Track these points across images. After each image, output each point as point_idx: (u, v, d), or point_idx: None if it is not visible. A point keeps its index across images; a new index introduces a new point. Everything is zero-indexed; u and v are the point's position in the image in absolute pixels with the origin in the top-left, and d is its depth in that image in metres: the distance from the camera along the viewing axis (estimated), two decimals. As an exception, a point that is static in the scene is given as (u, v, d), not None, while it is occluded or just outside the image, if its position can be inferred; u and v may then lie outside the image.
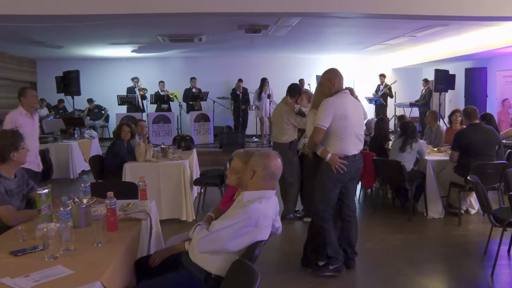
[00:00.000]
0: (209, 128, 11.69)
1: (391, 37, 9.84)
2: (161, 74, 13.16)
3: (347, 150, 3.71)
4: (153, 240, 3.01)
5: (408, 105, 12.30)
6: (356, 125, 3.72)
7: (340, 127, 3.63)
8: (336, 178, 3.74)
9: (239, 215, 2.27)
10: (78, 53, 12.10)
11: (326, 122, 3.61)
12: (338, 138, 3.67)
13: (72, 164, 8.36)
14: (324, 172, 3.78)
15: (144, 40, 10.01)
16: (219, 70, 13.67)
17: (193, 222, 5.44)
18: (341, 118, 3.61)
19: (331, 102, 3.63)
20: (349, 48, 11.79)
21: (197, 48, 11.57)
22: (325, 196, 3.81)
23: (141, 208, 3.00)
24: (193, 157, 6.66)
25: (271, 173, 2.42)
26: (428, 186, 5.61)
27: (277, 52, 12.95)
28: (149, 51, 12.14)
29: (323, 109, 3.65)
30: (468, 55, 10.64)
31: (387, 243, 4.75)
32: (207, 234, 2.31)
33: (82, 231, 2.61)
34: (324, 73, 3.83)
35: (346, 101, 3.68)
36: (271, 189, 2.44)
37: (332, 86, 3.73)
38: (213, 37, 9.69)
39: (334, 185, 3.78)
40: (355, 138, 3.73)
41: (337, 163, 3.67)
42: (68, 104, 11.65)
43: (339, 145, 3.68)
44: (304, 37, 9.89)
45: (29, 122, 4.95)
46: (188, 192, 5.56)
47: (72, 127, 9.48)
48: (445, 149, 6.11)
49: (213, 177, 5.90)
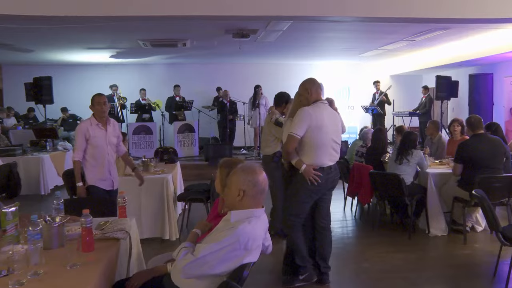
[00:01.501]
0: (194, 139, 11.70)
1: (388, 42, 9.98)
2: (142, 82, 13.19)
3: (322, 162, 3.90)
4: (132, 261, 3.00)
5: (407, 114, 12.41)
6: (332, 136, 3.90)
7: (315, 137, 3.82)
8: (310, 189, 3.92)
9: (227, 238, 2.27)
10: (50, 58, 12.07)
11: (300, 131, 3.80)
12: (312, 149, 3.86)
13: (44, 179, 8.28)
14: (298, 183, 3.95)
15: (124, 44, 10.04)
16: (204, 78, 13.75)
17: (177, 241, 5.43)
18: (316, 128, 3.80)
19: (306, 112, 3.82)
20: (343, 53, 11.94)
21: (181, 54, 11.63)
22: (297, 207, 4.00)
23: (120, 227, 2.99)
24: (177, 171, 6.65)
25: (261, 189, 2.44)
26: (429, 201, 5.66)
27: (267, 59, 13.07)
28: (129, 57, 12.17)
29: (297, 118, 3.84)
30: (472, 60, 10.74)
31: (385, 263, 4.77)
32: (193, 260, 2.30)
33: (53, 253, 2.58)
34: (302, 83, 4.03)
35: (322, 112, 3.87)
36: (260, 206, 2.45)
37: (310, 96, 3.94)
38: (198, 42, 9.75)
39: (307, 196, 3.97)
40: (331, 150, 3.93)
41: (311, 175, 3.85)
42: (39, 114, 11.56)
43: (314, 156, 3.87)
44: (295, 43, 9.99)
45: (101, 133, 4.63)
46: (172, 209, 5.55)
47: (43, 139, 9.41)
48: (447, 161, 6.18)
49: (198, 192, 5.88)
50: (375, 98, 12.44)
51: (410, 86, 14.61)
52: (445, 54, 11.22)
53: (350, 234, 5.99)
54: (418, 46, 10.55)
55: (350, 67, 14.30)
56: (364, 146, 6.96)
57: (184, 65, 13.88)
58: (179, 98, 12.21)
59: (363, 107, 12.53)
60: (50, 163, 8.61)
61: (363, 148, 6.92)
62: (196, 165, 10.37)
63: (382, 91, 12.32)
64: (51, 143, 9.37)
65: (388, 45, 10.36)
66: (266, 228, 2.53)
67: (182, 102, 12.03)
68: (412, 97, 13.98)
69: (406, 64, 13.37)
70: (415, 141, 5.78)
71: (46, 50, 10.73)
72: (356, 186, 6.41)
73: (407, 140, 5.72)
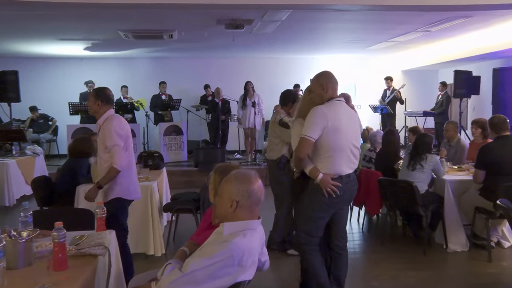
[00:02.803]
0: (182, 142, 11.72)
1: (400, 33, 10.02)
2: (123, 78, 13.17)
3: (340, 169, 3.75)
4: (112, 280, 2.99)
5: (421, 114, 12.42)
6: (350, 139, 3.77)
7: (331, 141, 3.67)
8: (327, 203, 3.77)
9: (219, 252, 2.28)
10: (15, 50, 12.00)
11: (314, 133, 3.64)
12: (329, 154, 3.70)
13: (9, 188, 8.24)
14: (313, 195, 3.80)
15: (103, 36, 10.04)
16: (193, 74, 13.77)
17: (163, 256, 5.44)
18: (333, 130, 3.65)
19: (321, 111, 3.68)
20: (349, 47, 11.99)
21: (167, 46, 11.65)
22: (311, 223, 3.85)
23: (97, 241, 2.99)
24: (163, 178, 6.66)
25: (257, 199, 2.45)
26: (447, 212, 5.67)
27: (263, 53, 13.11)
28: (109, 50, 12.17)
29: (311, 119, 3.69)
30: (497, 53, 10.68)
31: (397, 282, 4.79)
32: (180, 275, 2.30)
33: (19, 274, 2.55)
34: (316, 77, 3.89)
35: (338, 111, 3.73)
36: (256, 218, 2.47)
37: (325, 93, 3.79)
38: (187, 34, 9.77)
39: (324, 211, 3.82)
40: (350, 155, 3.78)
41: (329, 185, 3.70)
42: (4, 113, 11.47)
43: (331, 163, 3.72)
44: (295, 35, 10.03)
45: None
46: (156, 221, 5.55)
47: (9, 142, 9.37)
48: (467, 167, 6.20)
49: (186, 202, 5.89)
50: (386, 96, 12.50)
51: (425, 82, 14.68)
52: (465, 45, 11.23)
53: (357, 248, 6.01)
54: (434, 37, 10.60)
55: (357, 62, 14.35)
56: (372, 150, 6.97)
57: (170, 59, 13.90)
58: (165, 96, 12.22)
59: (371, 106, 12.57)
60: (16, 170, 8.57)
61: (371, 152, 6.93)
62: (185, 172, 10.38)
63: (394, 89, 12.36)
64: (18, 147, 9.33)
65: (400, 37, 10.41)
66: (263, 241, 2.54)
67: (169, 101, 12.03)
68: (427, 94, 14.05)
69: (420, 57, 13.44)
70: (430, 144, 5.79)
71: (11, 40, 10.66)
72: (364, 194, 6.40)
73: (421, 143, 5.74)
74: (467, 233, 5.74)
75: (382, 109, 12.30)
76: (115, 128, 4.23)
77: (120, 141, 4.22)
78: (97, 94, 4.37)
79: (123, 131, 4.29)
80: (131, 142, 4.48)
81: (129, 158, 4.41)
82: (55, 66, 13.60)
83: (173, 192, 6.86)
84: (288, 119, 5.35)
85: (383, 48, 12.11)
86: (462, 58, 11.71)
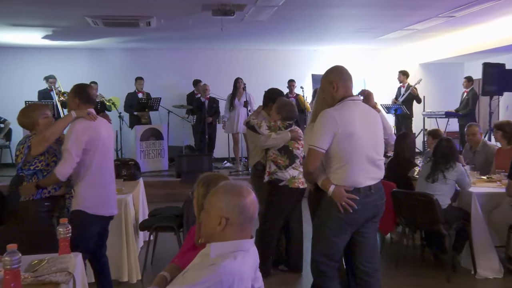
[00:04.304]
0: (162, 149, 11.71)
1: (417, 20, 10.03)
2: (92, 73, 13.09)
3: (356, 180, 3.78)
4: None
5: (443, 115, 12.39)
6: (367, 145, 3.79)
7: (343, 149, 3.71)
8: (343, 219, 3.78)
9: (206, 277, 2.29)
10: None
11: (323, 143, 3.70)
12: (341, 164, 3.74)
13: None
14: (326, 210, 3.83)
15: (66, 22, 9.98)
16: (176, 68, 13.78)
17: (139, 284, 5.43)
18: (345, 136, 3.69)
19: (329, 116, 3.73)
20: (357, 36, 12.03)
21: (144, 36, 11.65)
22: (326, 244, 3.87)
23: (60, 266, 2.98)
24: (139, 190, 6.67)
25: (250, 215, 2.46)
26: (474, 231, 5.66)
27: (257, 44, 13.16)
28: (74, 39, 12.11)
29: (319, 125, 3.75)
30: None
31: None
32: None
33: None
34: (325, 74, 3.93)
35: (352, 113, 3.77)
36: (248, 237, 2.48)
37: (335, 91, 3.82)
38: (167, 21, 9.76)
39: (339, 228, 3.83)
40: (367, 164, 3.80)
41: (344, 199, 3.72)
42: None
43: (344, 173, 3.76)
44: (294, 23, 10.06)
45: None
46: (132, 241, 5.55)
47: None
48: (498, 177, 6.21)
49: (167, 219, 5.90)
50: (400, 94, 12.53)
51: (447, 77, 14.72)
52: (496, 33, 11.19)
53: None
54: (459, 24, 10.61)
55: (366, 54, 14.39)
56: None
57: (148, 51, 13.89)
58: (142, 94, 12.20)
59: (383, 106, 12.50)
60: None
61: (383, 159, 6.95)
62: (165, 183, 10.41)
63: (409, 85, 12.39)
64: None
65: (418, 24, 10.42)
66: (257, 264, 2.55)
67: (147, 100, 12.00)
68: (450, 92, 14.10)
69: (442, 48, 13.46)
70: (454, 150, 5.81)
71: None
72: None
73: (443, 149, 5.75)
74: (501, 257, 5.71)
75: (396, 109, 12.31)
76: (77, 133, 4.34)
77: (75, 148, 4.30)
78: (76, 91, 4.53)
79: (87, 136, 4.38)
80: (105, 147, 4.57)
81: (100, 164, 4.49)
82: (8, 57, 13.46)
83: (152, 207, 6.89)
84: (256, 121, 5.48)
85: (398, 37, 12.14)
86: (492, 49, 11.69)
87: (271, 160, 5.46)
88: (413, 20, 10.12)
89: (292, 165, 5.37)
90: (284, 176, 5.39)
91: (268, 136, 5.39)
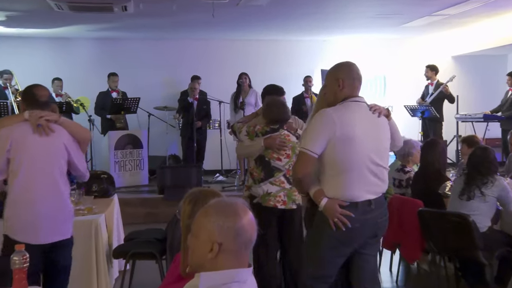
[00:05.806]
0: (141, 160, 11.69)
1: (449, 4, 10.02)
2: (56, 67, 13.11)
3: (352, 193, 3.83)
4: None
5: (481, 118, 12.36)
6: (368, 152, 3.83)
7: (340, 155, 3.77)
8: (338, 238, 3.84)
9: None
10: None
11: (316, 147, 3.77)
12: (336, 173, 3.81)
13: None
14: (319, 227, 3.90)
15: (24, 5, 9.87)
16: (157, 62, 13.76)
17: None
18: (343, 141, 3.75)
19: (327, 116, 3.80)
20: (376, 24, 12.05)
21: (119, 23, 11.62)
22: (318, 265, 3.93)
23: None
24: (113, 209, 6.66)
25: (247, 239, 2.46)
26: (522, 260, 5.69)
27: (255, 33, 13.22)
28: (34, 26, 12.09)
29: (313, 126, 3.85)
30: None
31: None
32: None
33: None
34: (331, 69, 4.02)
35: (353, 114, 3.83)
36: (245, 265, 2.46)
37: (340, 90, 3.90)
38: (147, 5, 9.71)
39: (333, 248, 3.89)
40: (368, 174, 3.85)
41: (337, 215, 3.77)
42: None
43: (340, 184, 3.82)
44: (299, 8, 10.07)
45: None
46: (103, 272, 5.54)
47: None
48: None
49: (147, 243, 5.90)
50: (427, 93, 12.53)
51: (487, 73, 14.67)
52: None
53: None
54: (501, 8, 10.51)
55: (387, 45, 14.35)
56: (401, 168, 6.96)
57: (124, 41, 13.89)
58: (117, 94, 12.17)
59: (407, 108, 12.52)
60: None
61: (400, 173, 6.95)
62: (145, 200, 10.41)
63: (440, 83, 12.36)
64: None
65: (450, 8, 10.36)
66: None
67: (122, 100, 11.97)
68: (490, 91, 14.04)
69: (480, 38, 13.41)
70: (494, 162, 5.78)
71: None
72: (397, 232, 6.36)
73: (480, 160, 5.73)
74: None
75: (423, 111, 12.22)
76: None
77: None
78: (22, 92, 4.63)
79: (6, 144, 4.30)
80: (38, 155, 4.43)
81: (29, 177, 4.38)
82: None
83: (129, 229, 6.86)
84: (240, 125, 5.54)
85: (425, 25, 12.10)
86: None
87: (250, 172, 5.51)
88: (444, 4, 10.01)
89: (269, 179, 5.27)
90: (257, 192, 5.34)
91: (241, 144, 5.44)
